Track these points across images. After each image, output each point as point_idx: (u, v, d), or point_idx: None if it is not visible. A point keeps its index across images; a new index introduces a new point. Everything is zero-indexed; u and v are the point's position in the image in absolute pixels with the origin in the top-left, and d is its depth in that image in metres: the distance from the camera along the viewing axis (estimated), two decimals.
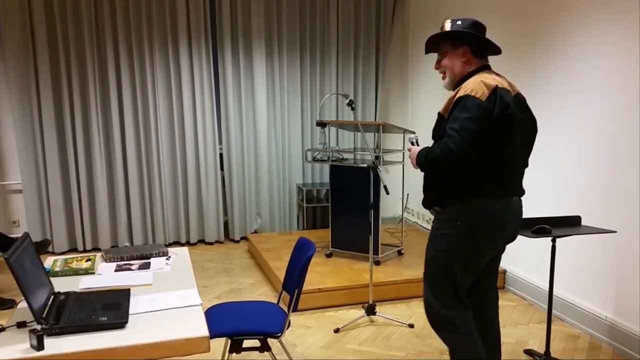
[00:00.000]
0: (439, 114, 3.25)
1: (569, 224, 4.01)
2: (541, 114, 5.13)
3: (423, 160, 3.18)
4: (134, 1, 6.83)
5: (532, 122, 3.32)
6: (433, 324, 3.38)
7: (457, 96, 3.08)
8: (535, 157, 5.20)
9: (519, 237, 3.74)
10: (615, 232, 4.04)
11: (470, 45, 3.29)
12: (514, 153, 3.17)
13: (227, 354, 3.45)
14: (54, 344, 2.35)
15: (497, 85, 3.06)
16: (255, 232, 7.82)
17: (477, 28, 3.32)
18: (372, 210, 4.82)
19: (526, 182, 5.31)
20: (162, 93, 7.15)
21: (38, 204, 6.94)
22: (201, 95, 7.24)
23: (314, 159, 6.37)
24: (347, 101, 4.75)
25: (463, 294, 3.31)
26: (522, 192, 3.35)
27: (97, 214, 7.10)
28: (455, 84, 3.32)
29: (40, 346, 2.29)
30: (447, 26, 3.30)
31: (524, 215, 3.45)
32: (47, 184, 6.89)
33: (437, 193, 3.29)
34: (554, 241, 3.85)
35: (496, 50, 3.36)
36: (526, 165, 3.36)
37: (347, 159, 6.20)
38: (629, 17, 4.18)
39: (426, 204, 3.39)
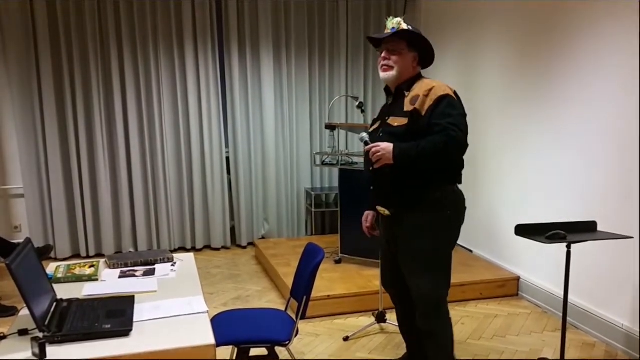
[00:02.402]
0: (415, 109, 3.40)
1: (585, 230, 3.99)
2: (555, 117, 5.11)
3: (413, 154, 3.32)
4: (139, 2, 6.85)
5: None
6: (431, 316, 3.61)
7: (435, 95, 3.36)
8: (549, 162, 5.19)
9: (534, 243, 3.74)
10: (632, 237, 4.01)
11: (419, 52, 3.60)
12: None
13: None
14: (57, 352, 2.36)
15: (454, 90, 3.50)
16: (263, 237, 7.82)
17: (424, 44, 3.61)
18: None
19: (540, 187, 5.31)
20: (168, 95, 7.16)
21: (40, 208, 6.96)
22: (207, 98, 7.25)
23: (323, 163, 6.37)
24: (357, 104, 4.77)
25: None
26: None
27: (100, 219, 7.11)
28: (400, 83, 3.58)
29: (42, 354, 2.30)
30: (404, 25, 3.52)
31: (539, 221, 3.48)
32: (49, 188, 6.90)
33: (415, 187, 3.48)
34: (569, 247, 3.82)
35: (430, 64, 3.70)
36: None
37: (356, 163, 6.19)
38: None
39: (398, 202, 3.57)
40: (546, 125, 5.25)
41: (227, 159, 7.54)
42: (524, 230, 3.82)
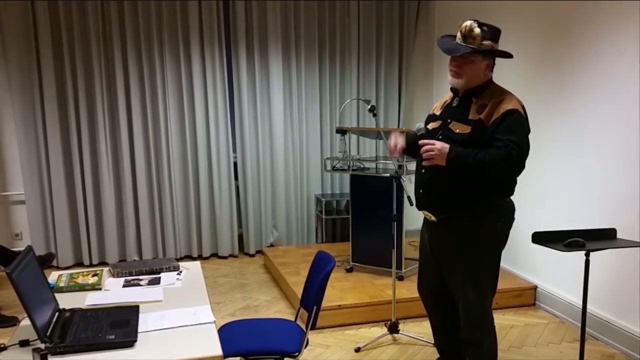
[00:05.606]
0: (480, 120, 3.43)
1: (604, 237, 3.97)
2: (573, 122, 5.10)
3: (470, 161, 3.35)
4: (143, 2, 6.87)
5: None
6: (476, 326, 3.67)
7: (504, 108, 3.38)
8: (567, 167, 5.17)
9: (551, 251, 3.73)
10: None
11: (494, 58, 3.59)
12: None
13: None
14: None
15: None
16: (271, 245, 7.81)
17: (499, 36, 3.58)
18: (395, 223, 4.81)
19: (559, 194, 5.30)
20: (173, 99, 7.17)
21: (42, 215, 6.97)
22: (214, 101, 7.26)
23: (334, 168, 6.37)
24: (369, 107, 4.76)
25: None
26: None
27: (104, 226, 7.13)
28: (470, 89, 3.58)
29: None
30: (476, 31, 3.47)
31: (556, 228, 3.50)
32: (51, 194, 6.92)
33: (465, 196, 3.51)
34: (587, 255, 3.81)
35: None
36: None
37: (368, 168, 6.19)
38: None
39: (446, 209, 3.60)
40: (564, 130, 5.23)
41: (235, 164, 7.54)
42: (541, 238, 3.81)
